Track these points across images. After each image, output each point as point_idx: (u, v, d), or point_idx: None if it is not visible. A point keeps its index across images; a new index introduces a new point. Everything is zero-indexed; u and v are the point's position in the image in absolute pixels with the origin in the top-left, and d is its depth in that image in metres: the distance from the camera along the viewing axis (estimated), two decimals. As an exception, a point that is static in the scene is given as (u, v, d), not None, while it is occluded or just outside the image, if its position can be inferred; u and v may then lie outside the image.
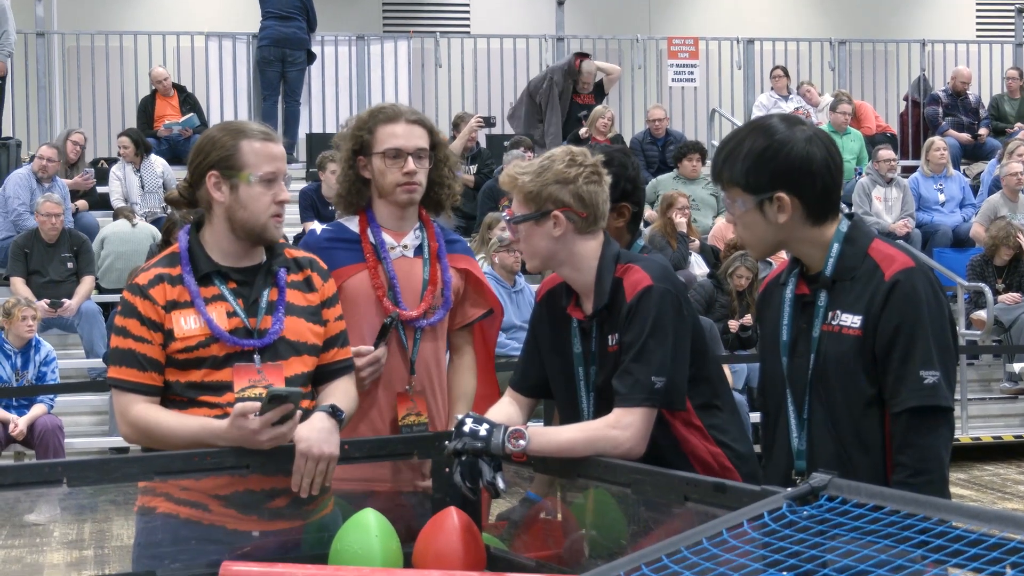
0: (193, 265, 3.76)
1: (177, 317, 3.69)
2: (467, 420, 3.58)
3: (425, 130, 4.28)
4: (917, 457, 3.14)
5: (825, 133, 3.36)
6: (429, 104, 16.50)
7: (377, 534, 3.52)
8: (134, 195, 13.28)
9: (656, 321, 3.61)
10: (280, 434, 3.52)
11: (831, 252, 3.29)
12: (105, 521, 3.68)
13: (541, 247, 3.75)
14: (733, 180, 3.30)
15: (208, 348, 3.68)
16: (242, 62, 16.01)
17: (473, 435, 3.53)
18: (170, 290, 3.72)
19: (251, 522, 3.63)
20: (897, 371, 3.16)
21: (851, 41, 17.97)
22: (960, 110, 16.40)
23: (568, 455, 3.56)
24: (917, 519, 2.38)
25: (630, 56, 17.38)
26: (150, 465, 3.51)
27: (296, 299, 3.81)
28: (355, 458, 3.74)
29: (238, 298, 3.75)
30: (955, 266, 13.05)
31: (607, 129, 14.37)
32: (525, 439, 3.52)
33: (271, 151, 3.76)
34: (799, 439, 3.31)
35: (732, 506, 2.82)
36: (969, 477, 10.95)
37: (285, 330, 3.74)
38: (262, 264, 3.82)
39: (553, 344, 3.88)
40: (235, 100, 15.95)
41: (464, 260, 4.43)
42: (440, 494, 3.78)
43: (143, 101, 15.28)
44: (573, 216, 3.71)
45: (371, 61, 16.42)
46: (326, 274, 3.93)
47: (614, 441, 3.54)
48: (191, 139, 14.77)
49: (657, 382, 3.58)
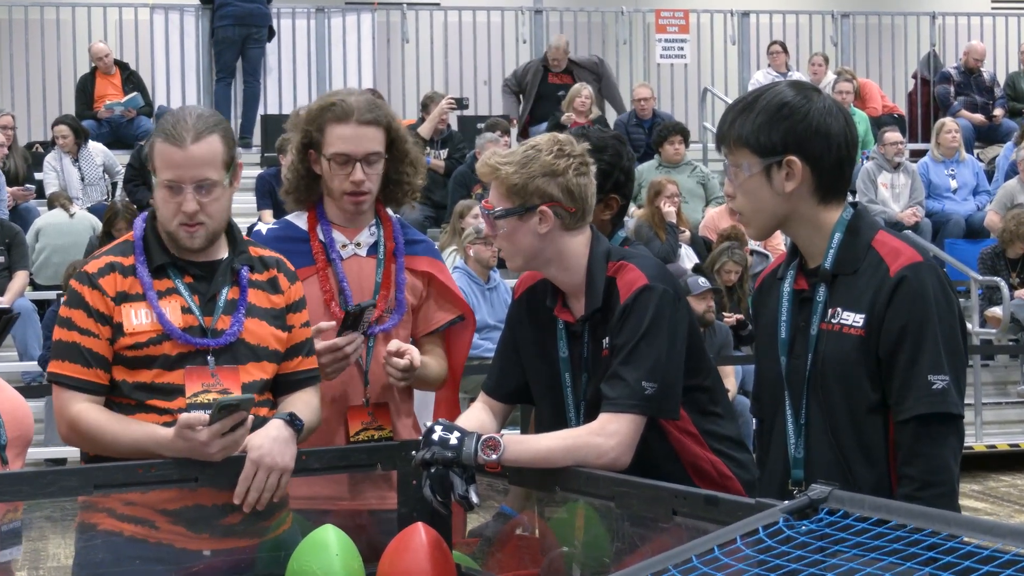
0: (147, 255, 3.75)
1: (128, 310, 3.69)
2: (436, 428, 3.56)
3: (380, 129, 4.20)
4: (924, 469, 3.15)
5: (844, 107, 3.36)
6: (395, 83, 16.49)
7: (338, 552, 3.52)
8: (74, 189, 13.23)
9: (652, 323, 3.61)
10: (231, 443, 3.52)
11: (831, 242, 3.29)
12: (40, 540, 3.66)
13: (525, 245, 3.72)
14: (741, 139, 3.28)
15: (159, 346, 3.67)
16: (191, 36, 15.96)
17: (443, 444, 3.51)
18: (121, 281, 3.71)
19: (201, 540, 3.63)
20: (903, 375, 3.17)
21: (855, 13, 18.02)
22: (973, 89, 16.46)
23: (547, 465, 3.55)
24: (925, 534, 2.39)
25: (614, 30, 17.40)
26: (89, 478, 3.50)
27: (258, 300, 3.80)
28: (314, 469, 3.74)
29: (194, 294, 3.74)
30: (968, 259, 13.07)
31: (586, 109, 14.35)
32: (500, 448, 3.51)
33: (171, 157, 3.69)
34: (796, 446, 3.32)
35: (724, 520, 2.83)
36: (983, 488, 10.99)
37: (245, 332, 3.74)
38: (223, 260, 3.81)
39: (536, 348, 3.87)
40: (183, 78, 15.91)
41: (427, 262, 4.37)
42: (406, 509, 3.79)
43: (81, 80, 15.21)
44: (561, 211, 3.69)
45: (332, 36, 16.40)
46: (294, 276, 3.92)
47: (598, 450, 3.53)
48: (134, 121, 14.74)
49: (648, 388, 3.57)
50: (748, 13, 17.45)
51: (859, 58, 18.05)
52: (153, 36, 16.02)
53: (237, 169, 3.81)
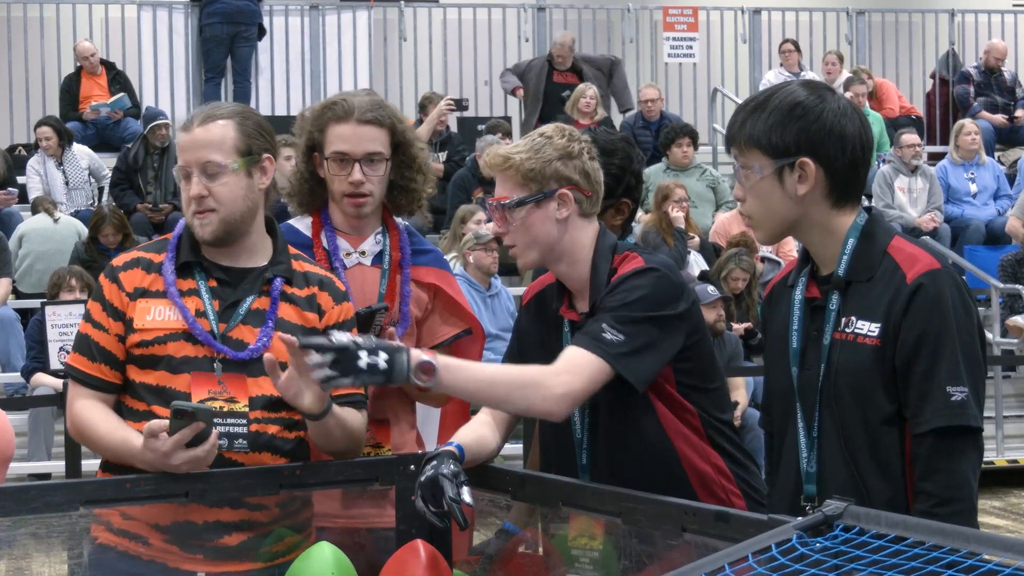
0: (178, 254, 3.79)
1: (143, 306, 3.72)
2: (360, 352, 3.31)
3: (383, 130, 4.20)
4: (943, 484, 3.15)
5: (859, 108, 3.37)
6: (392, 83, 16.51)
7: (333, 571, 3.52)
8: (58, 193, 13.25)
9: (641, 297, 3.61)
10: (194, 458, 3.51)
11: (845, 248, 3.30)
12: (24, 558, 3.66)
13: (543, 233, 3.74)
14: (753, 139, 3.29)
15: (164, 345, 3.69)
16: (179, 35, 15.95)
17: (371, 370, 3.32)
18: (143, 276, 3.75)
19: (194, 559, 3.63)
20: (920, 386, 3.17)
21: (871, 11, 18.03)
22: (994, 89, 16.47)
23: (487, 400, 3.53)
24: (944, 551, 2.40)
25: (620, 28, 17.41)
26: (76, 493, 3.50)
27: (288, 315, 3.79)
28: (310, 485, 3.75)
29: (214, 298, 3.76)
30: (988, 266, 13.08)
31: (591, 110, 14.34)
32: (435, 373, 3.37)
33: (181, 142, 3.78)
34: (808, 460, 3.32)
35: (736, 537, 2.83)
36: (1004, 505, 10.98)
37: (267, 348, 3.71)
38: (255, 268, 3.82)
39: (542, 351, 3.86)
40: (171, 79, 15.91)
41: (434, 274, 4.37)
42: (405, 525, 3.78)
43: (66, 80, 15.22)
44: (579, 195, 3.74)
45: (327, 34, 16.41)
46: (341, 296, 3.90)
47: (546, 391, 3.47)
48: (121, 123, 14.74)
49: (613, 337, 3.53)
50: (760, 10, 17.45)
51: (875, 57, 18.04)
52: (141, 34, 16.01)
53: (264, 162, 3.80)
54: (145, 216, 13.17)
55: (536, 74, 15.27)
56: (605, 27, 17.42)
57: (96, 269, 11.26)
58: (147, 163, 13.44)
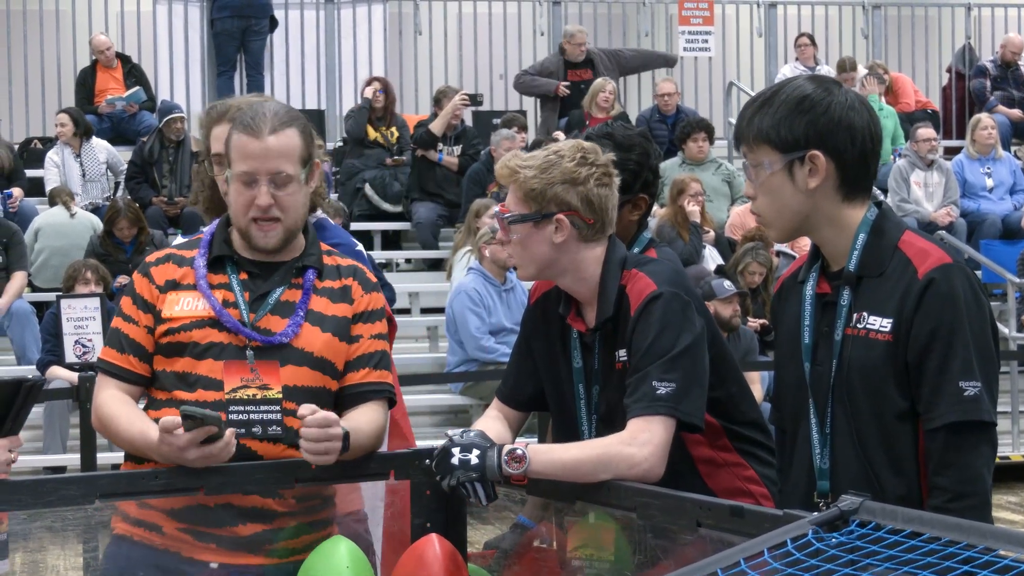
0: (210, 248, 3.82)
1: (172, 298, 3.75)
2: (453, 450, 3.52)
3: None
4: (957, 479, 3.15)
5: (866, 100, 3.37)
6: (407, 76, 16.51)
7: (348, 565, 3.53)
8: (74, 185, 13.26)
9: (662, 328, 3.58)
10: (209, 455, 3.53)
11: (856, 243, 3.29)
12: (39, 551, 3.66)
13: (538, 254, 3.72)
14: (762, 135, 3.29)
15: (190, 332, 3.71)
16: (195, 28, 15.98)
17: (464, 466, 3.49)
18: (174, 270, 3.79)
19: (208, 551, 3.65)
20: (933, 382, 3.17)
21: (887, 5, 18.00)
22: (1011, 83, 16.43)
23: (575, 478, 3.51)
24: (960, 547, 2.40)
25: (635, 21, 17.39)
26: (91, 487, 3.52)
27: (320, 306, 3.80)
28: (324, 479, 3.75)
29: (245, 291, 3.77)
30: (1005, 260, 13.05)
31: (609, 105, 14.34)
32: (525, 460, 3.48)
33: (247, 148, 3.71)
34: (822, 456, 3.32)
35: (751, 532, 2.84)
36: (1020, 500, 10.96)
37: (298, 338, 3.74)
38: (286, 261, 3.83)
39: (550, 356, 3.87)
40: (187, 72, 15.94)
41: None
42: (420, 519, 3.79)
43: (82, 73, 15.23)
44: (578, 222, 3.69)
45: (341, 28, 16.41)
46: (372, 287, 3.91)
47: (630, 460, 3.48)
48: (136, 116, 14.76)
49: (661, 388, 3.53)
50: (775, 4, 17.43)
51: (891, 51, 18.01)
52: (156, 28, 16.04)
53: (315, 168, 3.82)
54: (160, 209, 13.18)
55: (552, 73, 15.19)
56: (620, 21, 17.41)
57: (111, 263, 11.29)
58: (162, 156, 13.46)
